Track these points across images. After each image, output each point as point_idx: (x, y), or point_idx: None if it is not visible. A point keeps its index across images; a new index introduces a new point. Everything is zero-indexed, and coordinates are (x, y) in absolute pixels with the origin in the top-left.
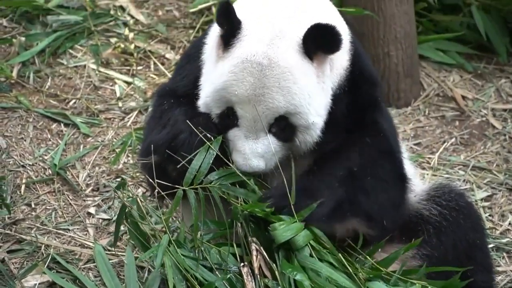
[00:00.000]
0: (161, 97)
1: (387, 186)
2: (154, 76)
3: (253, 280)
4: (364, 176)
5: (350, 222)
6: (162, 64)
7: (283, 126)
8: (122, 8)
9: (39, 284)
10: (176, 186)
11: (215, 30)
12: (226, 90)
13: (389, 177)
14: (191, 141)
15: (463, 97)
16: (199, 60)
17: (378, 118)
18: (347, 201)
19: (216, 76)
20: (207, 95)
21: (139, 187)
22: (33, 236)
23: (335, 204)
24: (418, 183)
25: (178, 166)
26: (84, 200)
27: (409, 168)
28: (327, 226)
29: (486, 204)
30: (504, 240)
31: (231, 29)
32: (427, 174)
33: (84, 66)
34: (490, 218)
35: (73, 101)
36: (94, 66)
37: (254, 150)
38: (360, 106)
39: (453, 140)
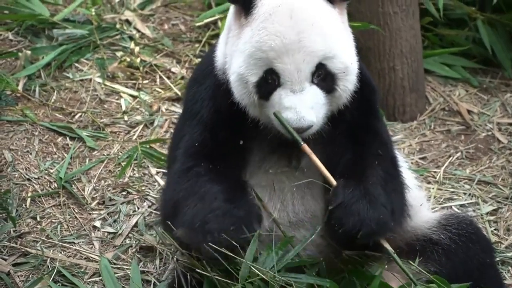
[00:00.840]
0: (189, 157)
1: (399, 195)
2: (160, 90)
3: None
4: (387, 185)
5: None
6: (168, 78)
7: (324, 75)
8: (128, 22)
9: None
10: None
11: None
12: (261, 49)
13: (397, 186)
14: (233, 237)
15: (469, 111)
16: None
17: (380, 128)
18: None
19: (246, 41)
20: (239, 65)
21: (144, 201)
22: (38, 250)
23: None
24: (427, 210)
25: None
26: (90, 214)
27: (409, 178)
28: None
29: (492, 218)
30: (509, 254)
31: None
32: (433, 189)
33: (90, 79)
34: (496, 232)
35: (79, 114)
36: (100, 80)
37: (304, 101)
38: (363, 111)
39: (458, 154)
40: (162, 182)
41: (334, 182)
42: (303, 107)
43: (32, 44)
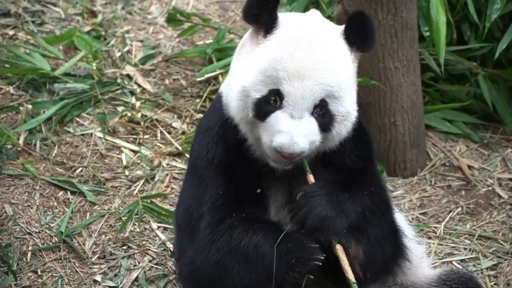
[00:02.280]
0: (217, 210)
1: (387, 234)
2: (161, 145)
3: None
4: (373, 219)
5: (358, 244)
6: (169, 133)
7: (323, 113)
8: (129, 77)
9: None
10: None
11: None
12: (274, 67)
13: (390, 227)
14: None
15: (469, 167)
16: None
17: (377, 175)
18: (361, 228)
19: (260, 57)
20: (247, 78)
21: (145, 256)
22: None
23: (353, 222)
24: (427, 266)
25: None
26: (91, 268)
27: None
28: (345, 237)
29: (492, 273)
30: None
31: (271, 13)
32: (433, 244)
33: (91, 134)
34: (496, 287)
35: (80, 169)
36: (100, 135)
37: (300, 128)
38: (362, 159)
39: (459, 209)
40: (163, 237)
41: None
42: (298, 133)
43: (33, 98)
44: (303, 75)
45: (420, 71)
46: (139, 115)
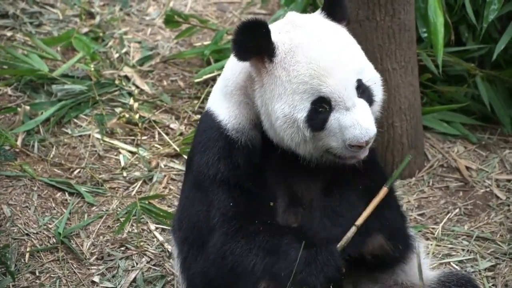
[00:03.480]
0: (231, 220)
1: (402, 217)
2: (159, 146)
3: None
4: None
5: (376, 238)
6: (167, 134)
7: (363, 89)
8: (127, 78)
9: None
10: None
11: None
12: (303, 81)
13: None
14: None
15: (467, 168)
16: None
17: (378, 161)
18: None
19: (283, 81)
20: (282, 107)
21: (143, 257)
22: None
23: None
24: (426, 267)
25: None
26: (89, 269)
27: None
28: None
29: (490, 274)
30: None
31: (268, 39)
32: (431, 245)
33: (89, 135)
34: None
35: (78, 170)
36: (98, 136)
37: (362, 114)
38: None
39: (457, 210)
40: (161, 238)
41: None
42: (364, 119)
43: (31, 100)
44: (331, 70)
45: (418, 72)
46: (137, 116)
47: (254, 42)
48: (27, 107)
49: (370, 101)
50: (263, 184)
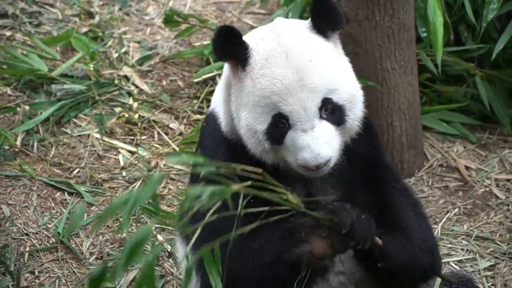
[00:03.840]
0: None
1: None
2: (158, 146)
3: None
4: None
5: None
6: (166, 134)
7: (332, 109)
8: (126, 78)
9: None
10: None
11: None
12: (264, 95)
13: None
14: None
15: (467, 168)
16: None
17: (390, 163)
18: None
19: (248, 92)
20: (246, 117)
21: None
22: None
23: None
24: None
25: None
26: (88, 268)
27: None
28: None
29: (489, 273)
30: None
31: (240, 47)
32: None
33: (88, 135)
34: (493, 287)
35: (77, 170)
36: (98, 136)
37: (317, 138)
38: (370, 142)
39: (456, 210)
40: (160, 238)
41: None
42: (317, 144)
43: (31, 99)
44: (294, 89)
45: (417, 72)
46: (136, 116)
47: (228, 48)
48: (27, 107)
49: (339, 121)
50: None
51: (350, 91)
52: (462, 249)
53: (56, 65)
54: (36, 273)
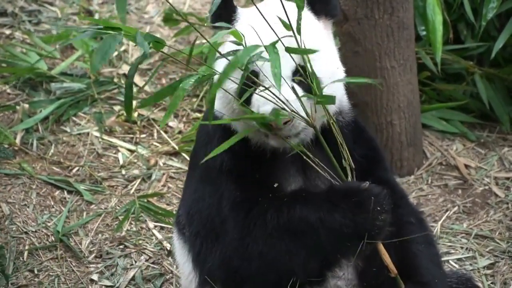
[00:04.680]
0: (240, 208)
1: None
2: (158, 144)
3: None
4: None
5: None
6: (166, 132)
7: (305, 78)
8: (126, 76)
9: None
10: None
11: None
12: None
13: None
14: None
15: (466, 166)
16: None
17: (390, 177)
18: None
19: (227, 48)
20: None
21: (142, 255)
22: None
23: None
24: None
25: None
26: (87, 267)
27: None
28: None
29: (489, 272)
30: None
31: (228, 10)
32: None
33: (88, 133)
34: (493, 286)
35: (76, 168)
36: (97, 134)
37: (282, 94)
38: (364, 154)
39: (455, 208)
40: (159, 236)
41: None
42: (282, 99)
43: (30, 98)
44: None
45: (416, 70)
46: (135, 114)
47: (218, 11)
48: (26, 105)
49: (311, 91)
50: (273, 171)
51: (329, 66)
52: (462, 248)
53: (55, 63)
54: (36, 272)
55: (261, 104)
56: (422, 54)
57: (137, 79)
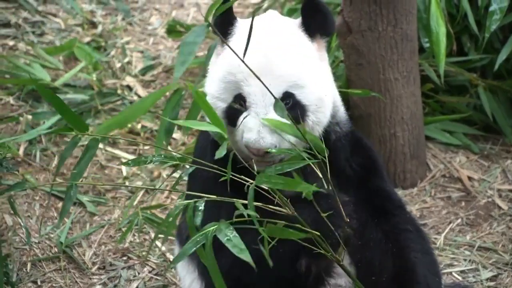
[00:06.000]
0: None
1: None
2: None
3: None
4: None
5: None
6: (169, 144)
7: (292, 105)
8: (129, 88)
9: None
10: None
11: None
12: (231, 72)
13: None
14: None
15: (469, 178)
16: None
17: (387, 186)
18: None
19: (219, 66)
20: (213, 90)
21: (145, 266)
22: None
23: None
24: None
25: None
26: (90, 278)
27: None
28: None
29: (492, 284)
30: None
31: (227, 21)
32: None
33: None
34: None
35: (80, 180)
36: (100, 145)
37: (267, 123)
38: (362, 164)
39: (459, 220)
40: (163, 248)
41: None
42: (265, 129)
43: (33, 109)
44: (258, 72)
45: (420, 82)
46: (139, 126)
47: (218, 20)
48: (29, 117)
49: (298, 120)
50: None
51: (317, 93)
52: (465, 260)
53: (58, 74)
54: (39, 283)
55: (246, 130)
56: (426, 66)
57: (141, 91)
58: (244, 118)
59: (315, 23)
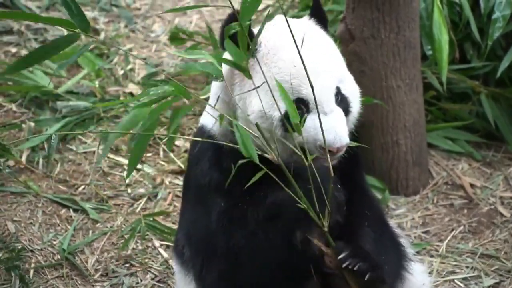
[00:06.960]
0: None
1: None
2: (163, 163)
3: None
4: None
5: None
6: (172, 151)
7: (341, 98)
8: (132, 95)
9: None
10: None
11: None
12: (284, 79)
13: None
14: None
15: (472, 185)
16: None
17: (366, 185)
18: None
19: (261, 78)
20: (258, 103)
21: (148, 273)
22: None
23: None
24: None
25: None
26: (93, 285)
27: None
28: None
29: None
30: None
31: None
32: (435, 262)
33: (93, 152)
34: None
35: (82, 187)
36: (100, 151)
37: (339, 121)
38: (350, 163)
39: (461, 228)
40: (165, 255)
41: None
42: (339, 126)
43: (36, 116)
44: (313, 74)
45: (422, 89)
46: None
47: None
48: (32, 124)
49: (346, 111)
50: (260, 184)
51: (352, 85)
52: (467, 267)
53: (61, 82)
54: None
55: (324, 131)
56: (428, 74)
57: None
58: (312, 120)
59: (322, 19)
